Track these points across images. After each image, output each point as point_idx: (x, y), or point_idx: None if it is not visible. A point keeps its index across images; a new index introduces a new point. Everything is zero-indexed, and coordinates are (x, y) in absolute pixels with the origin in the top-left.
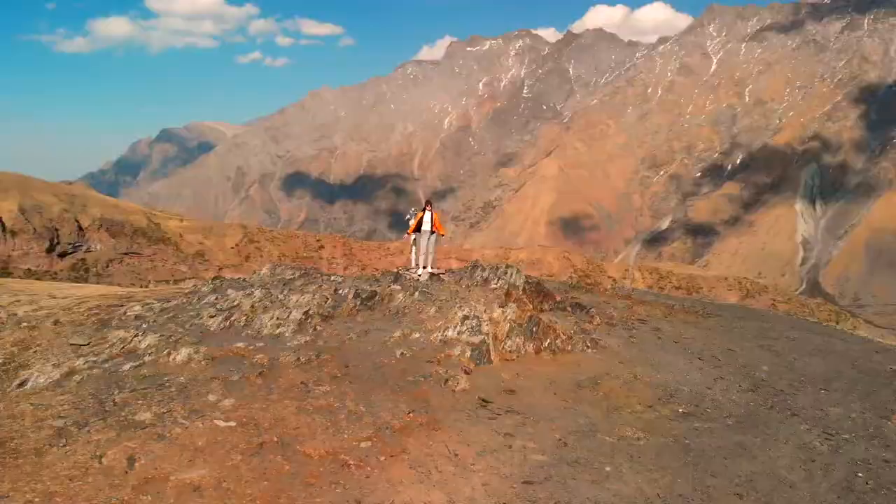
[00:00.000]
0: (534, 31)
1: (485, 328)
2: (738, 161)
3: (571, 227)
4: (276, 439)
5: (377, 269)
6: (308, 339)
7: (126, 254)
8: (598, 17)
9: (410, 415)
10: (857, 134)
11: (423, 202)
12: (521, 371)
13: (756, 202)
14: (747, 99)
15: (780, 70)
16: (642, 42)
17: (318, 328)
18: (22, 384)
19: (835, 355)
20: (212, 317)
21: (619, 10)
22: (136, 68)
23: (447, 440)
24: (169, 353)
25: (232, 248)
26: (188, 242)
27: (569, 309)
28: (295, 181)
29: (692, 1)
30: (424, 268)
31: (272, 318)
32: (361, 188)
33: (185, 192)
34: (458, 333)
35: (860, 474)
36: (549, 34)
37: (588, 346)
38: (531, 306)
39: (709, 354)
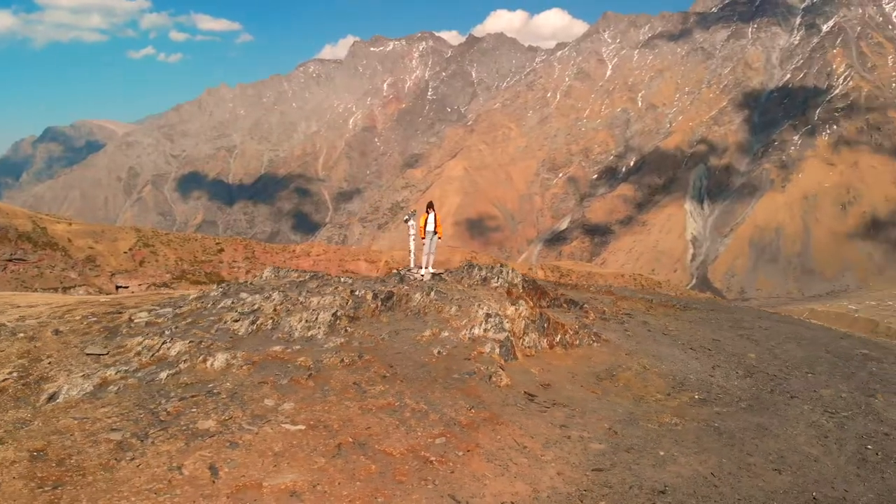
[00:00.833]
0: (437, 34)
1: (506, 325)
2: (632, 163)
3: (477, 227)
4: (351, 440)
5: None
6: (342, 340)
7: (10, 260)
8: (499, 22)
9: (472, 411)
10: (741, 137)
11: (426, 205)
12: (544, 366)
13: (649, 202)
14: (640, 104)
15: (671, 76)
16: (542, 47)
17: (349, 329)
18: (52, 398)
19: (807, 342)
20: (236, 321)
21: (519, 16)
22: (18, 64)
23: (512, 434)
24: (205, 360)
25: (125, 252)
26: (77, 247)
27: (564, 305)
28: (191, 182)
29: (588, 8)
30: (425, 268)
31: (300, 320)
32: (263, 189)
33: (73, 193)
34: (484, 331)
35: (869, 447)
36: (452, 37)
37: (593, 341)
38: (532, 303)
39: (698, 345)
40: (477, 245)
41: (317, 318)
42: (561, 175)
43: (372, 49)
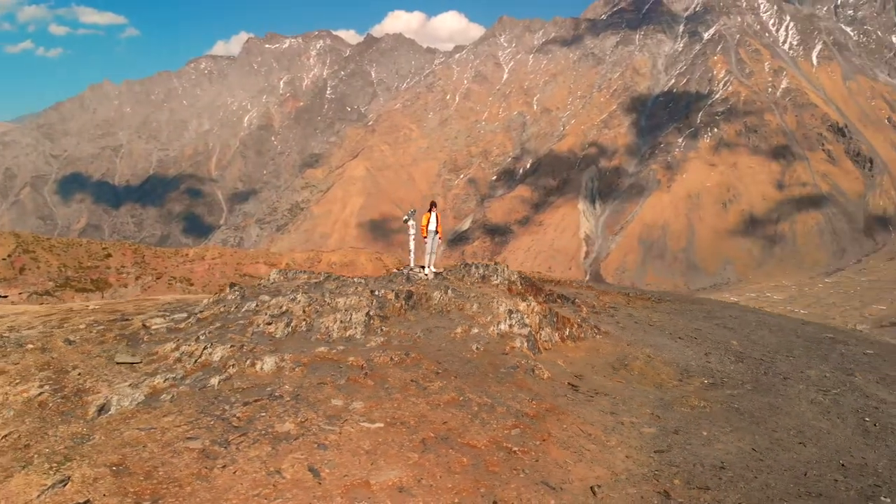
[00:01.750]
0: (334, 32)
1: (526, 320)
2: (528, 165)
3: (381, 228)
4: (432, 435)
5: (174, 277)
6: (382, 339)
7: None
8: (397, 23)
9: (533, 402)
10: (630, 140)
11: (429, 204)
12: (564, 358)
13: (544, 203)
14: (535, 107)
15: (564, 81)
16: (440, 49)
17: (384, 328)
18: (102, 410)
19: (776, 328)
20: (269, 324)
21: (417, 17)
22: None
23: (574, 422)
24: (253, 363)
25: (3, 259)
26: None
27: (558, 300)
28: (73, 183)
29: (484, 12)
30: (428, 267)
31: (335, 321)
32: (151, 190)
33: None
34: (510, 327)
35: (866, 419)
36: (350, 36)
37: (596, 333)
38: (541, 299)
39: (683, 334)
40: (381, 246)
41: (350, 319)
42: (462, 176)
43: (267, 46)
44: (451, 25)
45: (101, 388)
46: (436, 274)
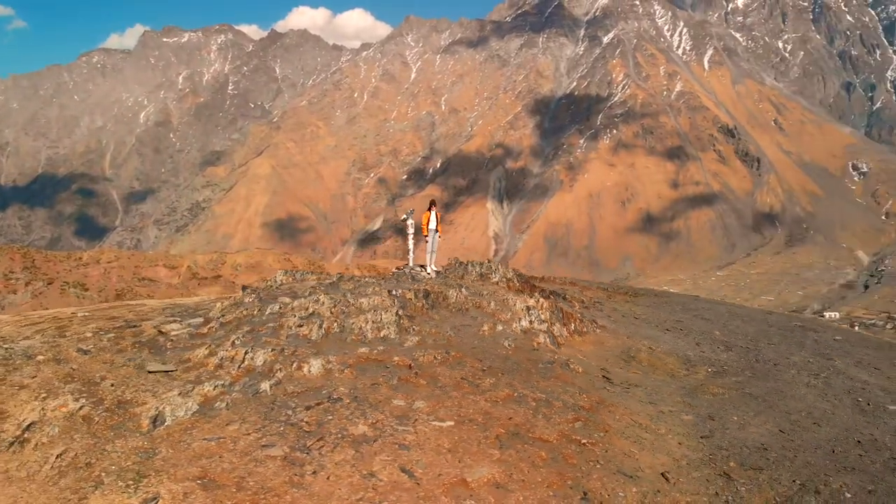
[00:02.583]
0: (236, 27)
1: (542, 317)
2: (438, 165)
3: (287, 228)
4: (503, 431)
5: (67, 283)
6: (417, 339)
7: None
8: (301, 19)
9: (583, 396)
10: (534, 141)
11: (428, 203)
12: (579, 352)
13: (454, 202)
14: (443, 107)
15: (471, 82)
16: (347, 46)
17: (415, 328)
18: (156, 421)
19: (748, 318)
20: (300, 326)
21: (322, 13)
22: None
23: (623, 413)
24: (299, 366)
25: None
26: None
27: (551, 297)
28: None
29: (391, 11)
30: (429, 266)
31: (366, 321)
32: (40, 190)
33: None
34: (530, 323)
35: (859, 399)
36: (253, 31)
37: (595, 327)
38: (548, 296)
39: (669, 325)
40: (287, 246)
41: (381, 319)
42: (372, 175)
43: (165, 40)
44: (358, 23)
45: (146, 399)
46: (437, 273)
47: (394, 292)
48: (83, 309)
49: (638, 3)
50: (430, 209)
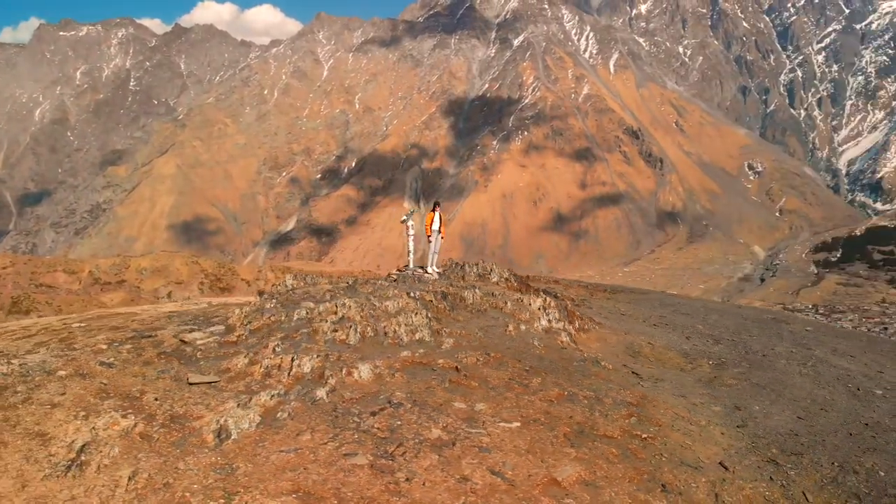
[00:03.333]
0: (138, 21)
1: (557, 316)
2: (353, 164)
3: (195, 230)
4: (569, 430)
5: None
6: (452, 340)
7: None
8: (207, 14)
9: (626, 392)
10: (449, 142)
11: (432, 204)
12: (591, 349)
13: (371, 203)
14: (357, 106)
15: (384, 81)
16: (255, 43)
17: (446, 330)
18: (220, 435)
19: (723, 312)
20: (335, 331)
21: (229, 8)
22: None
23: (665, 407)
24: (349, 372)
25: None
26: None
27: (544, 295)
28: None
29: (301, 7)
30: (431, 267)
31: (399, 324)
32: None
33: None
34: (549, 322)
35: (849, 385)
36: (156, 25)
37: (595, 325)
38: (553, 295)
39: (655, 321)
40: (195, 249)
41: (412, 322)
42: (284, 174)
43: (62, 34)
44: (267, 19)
45: (201, 413)
46: (438, 274)
47: (412, 294)
48: (79, 317)
49: (546, 6)
50: (433, 210)
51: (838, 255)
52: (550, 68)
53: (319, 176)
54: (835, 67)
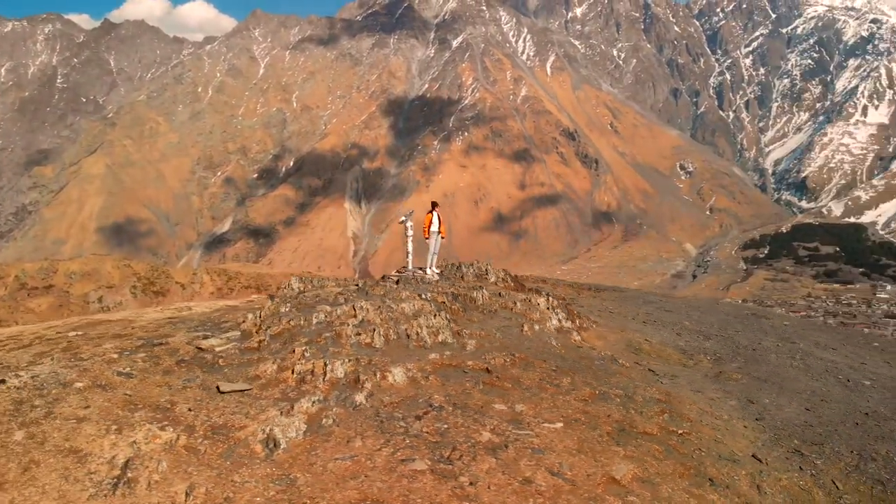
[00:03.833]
0: (65, 16)
1: (563, 315)
2: (291, 164)
3: (126, 232)
4: (610, 428)
5: None
6: (475, 342)
7: None
8: (138, 9)
9: (652, 389)
10: (390, 142)
11: (430, 204)
12: (596, 346)
13: (310, 203)
14: (295, 105)
15: (322, 79)
16: (189, 39)
17: (466, 331)
18: (269, 445)
19: (704, 309)
20: (358, 334)
21: (160, 4)
22: None
23: (689, 402)
24: (383, 376)
25: None
26: None
27: (546, 295)
28: None
29: (235, 4)
30: (430, 268)
31: (421, 327)
32: None
33: None
34: (560, 321)
35: (839, 377)
36: (84, 21)
37: (592, 323)
38: (555, 295)
39: (644, 318)
40: (126, 252)
41: (432, 324)
42: (219, 174)
43: None
44: (200, 15)
45: (243, 423)
46: (438, 274)
47: (423, 296)
48: (60, 326)
49: (485, 8)
50: (431, 211)
51: (766, 252)
52: (489, 69)
53: (256, 175)
54: (762, 70)
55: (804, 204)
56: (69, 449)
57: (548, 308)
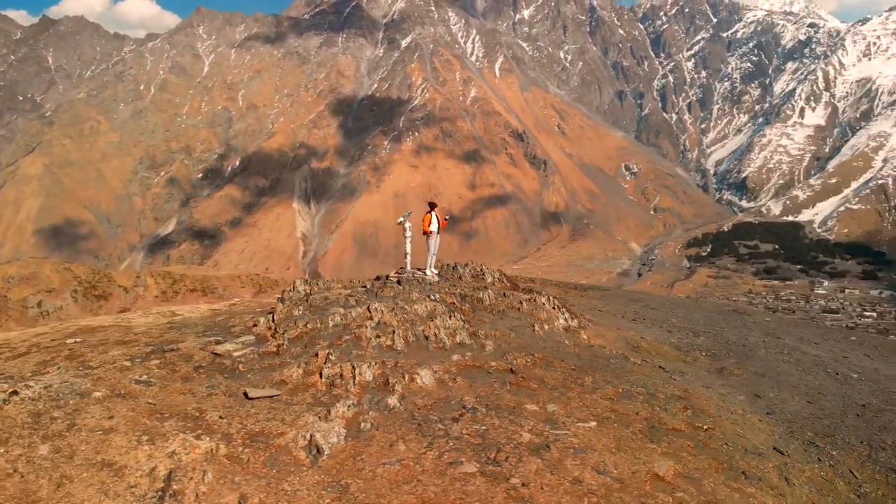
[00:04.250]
0: (2, 12)
1: (568, 314)
2: (237, 164)
3: (65, 234)
4: (641, 426)
5: None
6: (492, 343)
7: None
8: (77, 5)
9: (670, 386)
10: (339, 141)
11: (427, 205)
12: (599, 344)
13: (257, 203)
14: (241, 103)
15: (269, 78)
16: (130, 36)
17: (481, 332)
18: (311, 451)
19: (689, 306)
20: (378, 337)
21: (101, 0)
22: None
23: (704, 398)
24: (412, 378)
25: None
26: None
27: (546, 295)
28: None
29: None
30: (429, 269)
31: (437, 328)
32: None
33: None
34: (566, 321)
35: (828, 370)
36: (21, 17)
37: (588, 322)
38: (555, 295)
39: (633, 316)
40: (66, 255)
41: (449, 325)
42: (162, 174)
43: None
44: (142, 12)
45: (279, 429)
46: (437, 275)
47: (432, 297)
48: (52, 334)
49: (433, 9)
50: (430, 211)
51: (708, 250)
52: (438, 70)
53: (200, 175)
54: (703, 73)
55: (744, 203)
56: (102, 462)
57: (553, 308)
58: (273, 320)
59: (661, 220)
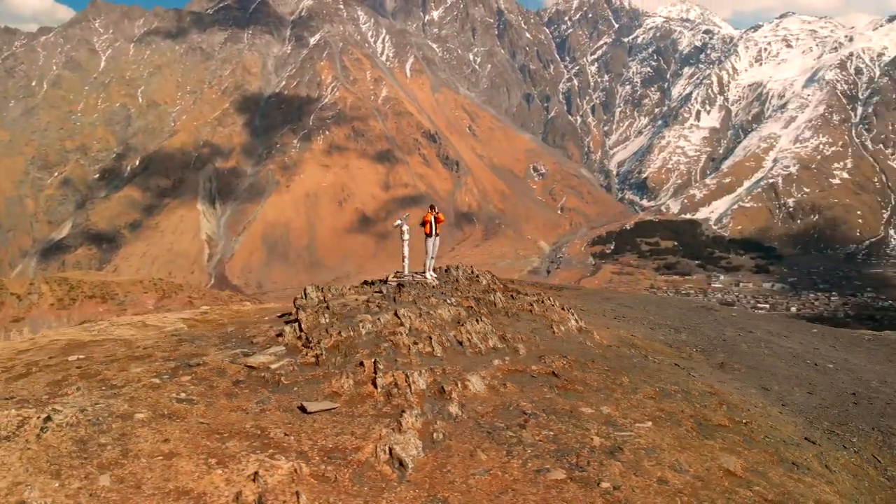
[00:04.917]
0: None
1: (577, 315)
2: (137, 163)
3: None
4: (691, 423)
5: None
6: (523, 346)
7: None
8: None
9: (700, 383)
10: (245, 140)
11: (428, 207)
12: (607, 343)
13: (159, 205)
14: (140, 100)
15: (171, 74)
16: (21, 30)
17: (508, 336)
18: (397, 464)
19: (661, 303)
20: (415, 343)
21: None
22: None
23: (728, 394)
24: (464, 385)
25: None
26: None
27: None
28: None
29: None
30: (428, 271)
31: (470, 333)
32: None
33: None
34: (577, 321)
35: (807, 361)
36: None
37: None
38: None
39: (615, 314)
40: None
41: (477, 329)
42: (56, 174)
43: None
44: (33, 5)
45: (356, 444)
46: (435, 278)
47: (448, 300)
48: (44, 350)
49: (342, 7)
50: (430, 213)
51: (612, 248)
52: (348, 69)
53: (97, 176)
54: (606, 77)
55: (645, 202)
56: (177, 490)
57: (562, 309)
58: (300, 329)
59: (567, 220)
